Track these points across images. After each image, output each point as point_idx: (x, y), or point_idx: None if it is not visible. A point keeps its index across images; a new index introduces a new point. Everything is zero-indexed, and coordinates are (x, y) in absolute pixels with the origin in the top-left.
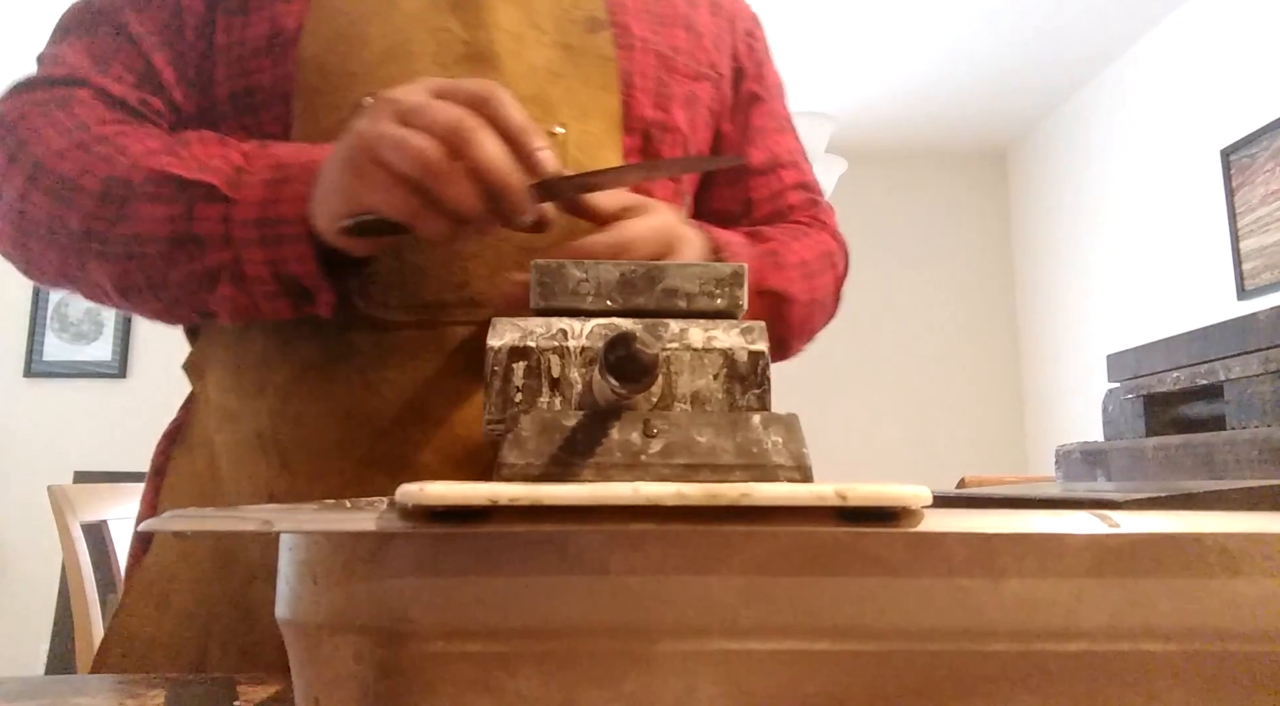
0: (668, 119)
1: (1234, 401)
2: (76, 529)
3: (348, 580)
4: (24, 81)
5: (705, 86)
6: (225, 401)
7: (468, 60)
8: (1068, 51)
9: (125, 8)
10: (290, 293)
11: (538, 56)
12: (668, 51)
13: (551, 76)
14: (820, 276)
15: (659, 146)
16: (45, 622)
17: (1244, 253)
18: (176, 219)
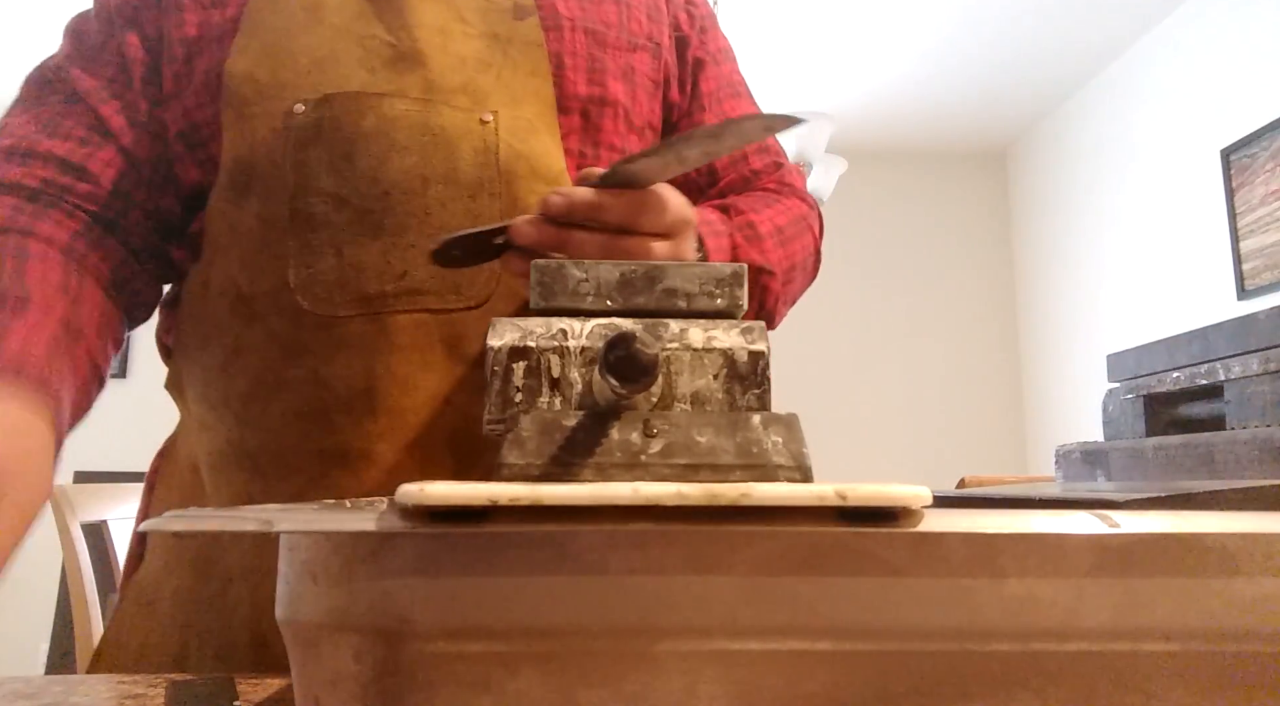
0: (604, 93)
1: (1234, 401)
2: (76, 529)
3: (348, 580)
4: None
5: (643, 57)
6: (201, 413)
7: (395, 62)
8: (1068, 51)
9: (72, 68)
10: None
11: (465, 48)
12: (598, 27)
13: (481, 66)
14: (795, 241)
15: (599, 121)
16: (45, 622)
17: (1244, 253)
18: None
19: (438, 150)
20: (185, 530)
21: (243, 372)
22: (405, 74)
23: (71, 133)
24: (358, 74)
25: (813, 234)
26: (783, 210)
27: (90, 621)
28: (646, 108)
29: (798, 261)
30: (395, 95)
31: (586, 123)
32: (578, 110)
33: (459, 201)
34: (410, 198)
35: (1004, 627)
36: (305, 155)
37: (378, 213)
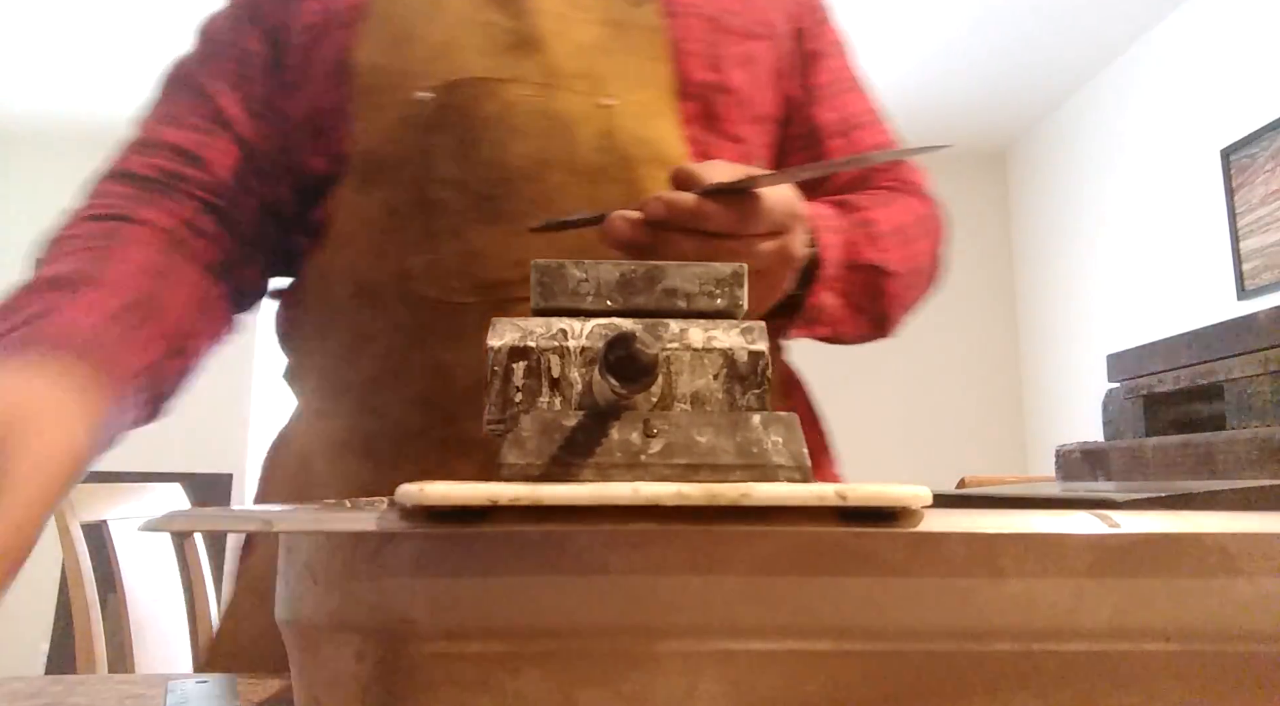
0: (724, 80)
1: (1234, 401)
2: (76, 529)
3: (348, 580)
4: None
5: (763, 44)
6: (319, 402)
7: (515, 48)
8: (1068, 51)
9: (198, 66)
10: None
11: (583, 34)
12: (718, 13)
13: (600, 52)
14: (917, 243)
15: (718, 108)
16: (45, 622)
17: (1244, 253)
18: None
19: (557, 135)
20: (185, 529)
21: (365, 360)
22: (525, 60)
23: (191, 123)
24: (479, 61)
25: (935, 235)
26: (904, 209)
27: (90, 621)
28: (768, 98)
29: (919, 264)
30: (516, 81)
31: (706, 110)
32: (696, 96)
33: (579, 187)
34: (530, 183)
35: (1004, 627)
36: (429, 142)
37: (498, 199)
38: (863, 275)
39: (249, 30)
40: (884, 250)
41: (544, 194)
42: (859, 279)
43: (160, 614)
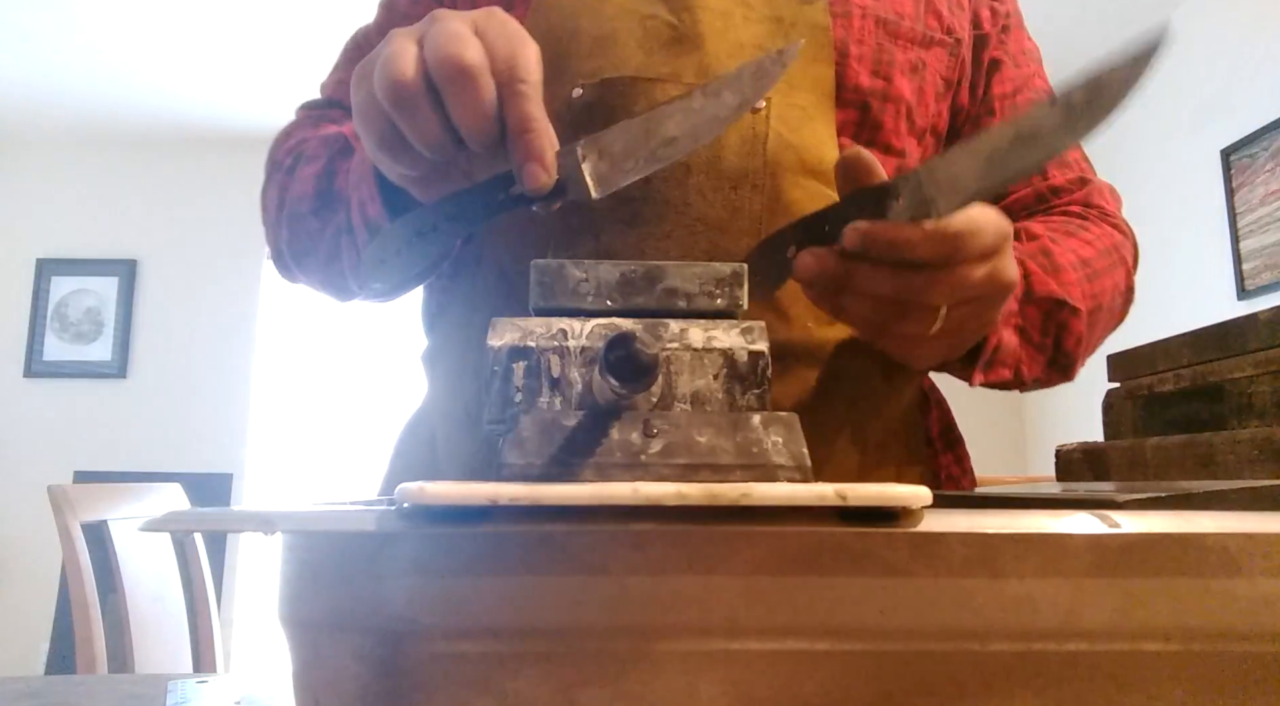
0: (888, 88)
1: (1234, 401)
2: (76, 529)
3: (348, 580)
4: (303, 103)
5: (938, 53)
6: (450, 383)
7: (673, 43)
8: (1067, 51)
9: (374, 35)
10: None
11: (745, 33)
12: (891, 16)
13: (759, 51)
14: (1105, 277)
15: (879, 117)
16: (45, 622)
17: (1244, 253)
18: (321, 175)
19: None
20: (185, 529)
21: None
22: (682, 57)
23: None
24: (636, 55)
25: (1126, 267)
26: (1089, 239)
27: (90, 621)
28: (933, 109)
29: (1104, 303)
30: (669, 80)
31: (864, 117)
32: (857, 104)
33: (719, 192)
34: (670, 186)
35: (1004, 627)
36: (578, 138)
37: (637, 201)
38: (1041, 310)
39: (431, 5)
40: (1066, 285)
41: (683, 198)
42: (1037, 314)
43: (160, 614)
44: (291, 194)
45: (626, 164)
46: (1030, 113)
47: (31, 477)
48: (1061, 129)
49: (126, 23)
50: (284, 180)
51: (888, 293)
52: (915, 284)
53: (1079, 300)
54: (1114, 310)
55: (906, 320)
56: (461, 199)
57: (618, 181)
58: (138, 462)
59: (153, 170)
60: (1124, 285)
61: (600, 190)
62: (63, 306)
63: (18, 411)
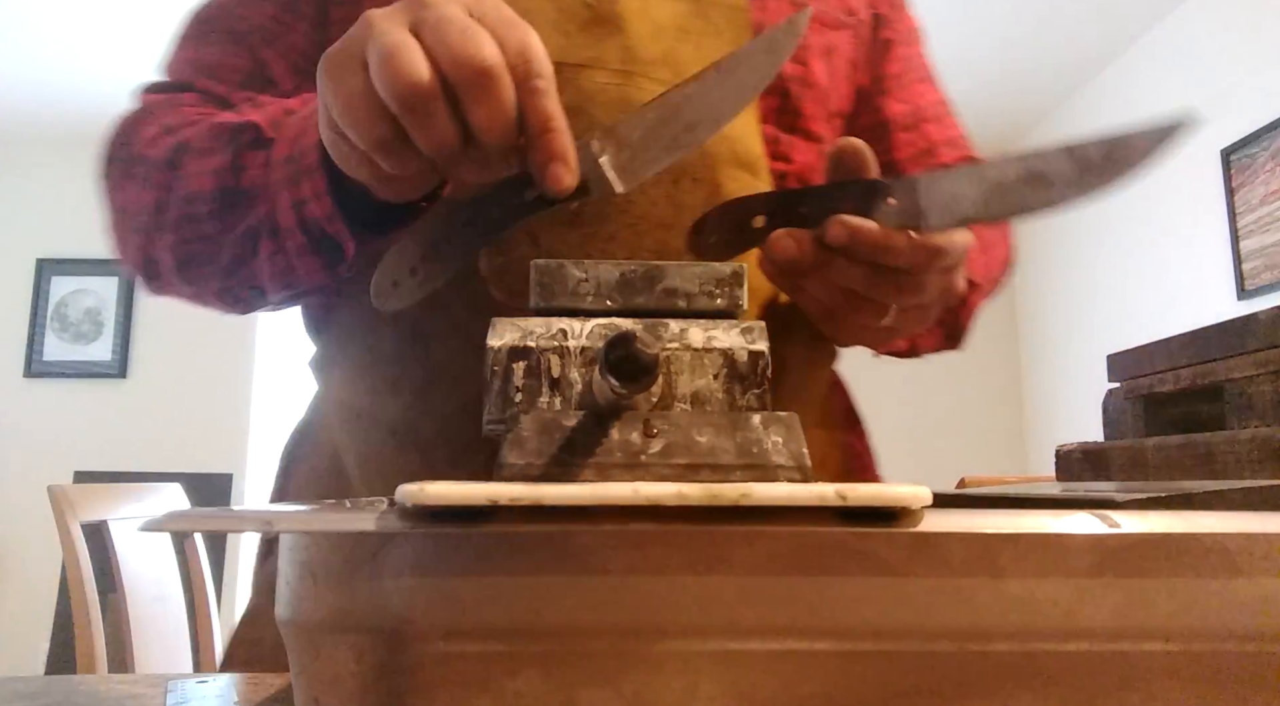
0: (806, 73)
1: (1234, 401)
2: (76, 529)
3: (348, 580)
4: (145, 85)
5: (845, 35)
6: (353, 400)
7: (591, 24)
8: (1067, 52)
9: (234, 8)
10: (318, 245)
11: (663, 14)
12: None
13: (680, 34)
14: (994, 249)
15: (799, 104)
16: (45, 622)
17: (1244, 253)
18: (222, 171)
19: None
20: (186, 529)
21: (421, 360)
22: (603, 40)
23: (231, 77)
24: (553, 38)
25: (1008, 240)
26: None
27: (90, 621)
28: (843, 92)
29: (994, 273)
30: (593, 65)
31: (785, 104)
32: (778, 90)
33: (659, 188)
34: None
35: (1004, 627)
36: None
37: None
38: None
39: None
40: (970, 262)
41: (624, 196)
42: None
43: (160, 614)
44: (179, 194)
45: (648, 153)
46: (1043, 155)
47: (31, 477)
48: (1072, 180)
49: (127, 23)
50: (163, 177)
51: (859, 287)
52: (884, 285)
53: (978, 275)
54: (1000, 281)
55: (861, 312)
56: (477, 206)
57: (642, 173)
58: (138, 463)
59: None
60: (1007, 256)
61: (626, 184)
62: (63, 306)
63: (18, 411)
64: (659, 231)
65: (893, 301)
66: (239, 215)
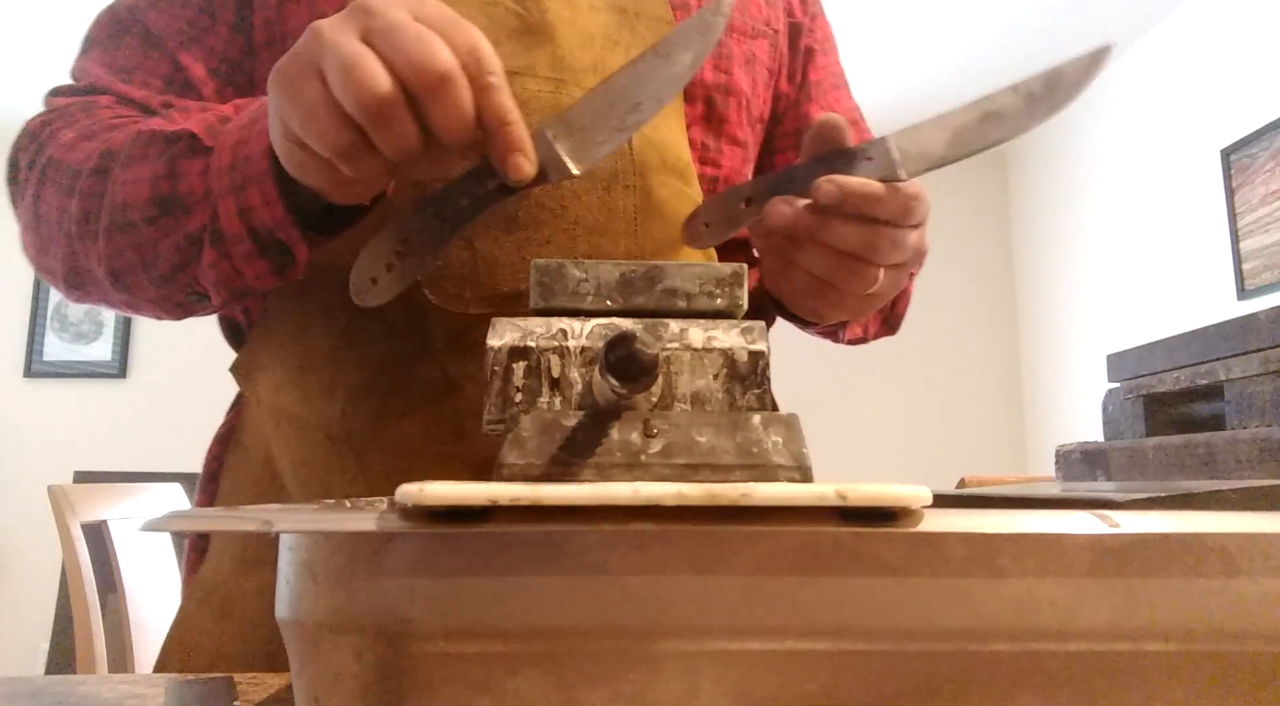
0: (729, 82)
1: (1234, 401)
2: (76, 529)
3: (348, 580)
4: (53, 89)
5: (763, 44)
6: (284, 404)
7: (522, 34)
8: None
9: (149, 9)
10: (266, 249)
11: (592, 23)
12: None
13: (609, 42)
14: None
15: (724, 111)
16: (45, 622)
17: (1244, 253)
18: (159, 178)
19: None
20: (186, 529)
21: (356, 365)
22: (533, 48)
23: (148, 82)
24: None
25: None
26: None
27: (90, 621)
28: (762, 98)
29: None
30: (525, 73)
31: (710, 112)
32: (702, 98)
33: (593, 194)
34: (544, 191)
35: (1004, 627)
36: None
37: (511, 205)
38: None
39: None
40: None
41: (558, 201)
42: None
43: (160, 614)
44: (112, 200)
45: (598, 136)
46: (993, 96)
47: (31, 477)
48: (1022, 111)
49: None
50: (91, 185)
51: (853, 246)
52: (876, 240)
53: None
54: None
55: (855, 278)
56: (440, 200)
57: (594, 155)
58: (138, 462)
59: None
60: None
61: (580, 166)
62: (63, 306)
63: (18, 411)
64: (593, 236)
65: (883, 260)
66: (175, 222)
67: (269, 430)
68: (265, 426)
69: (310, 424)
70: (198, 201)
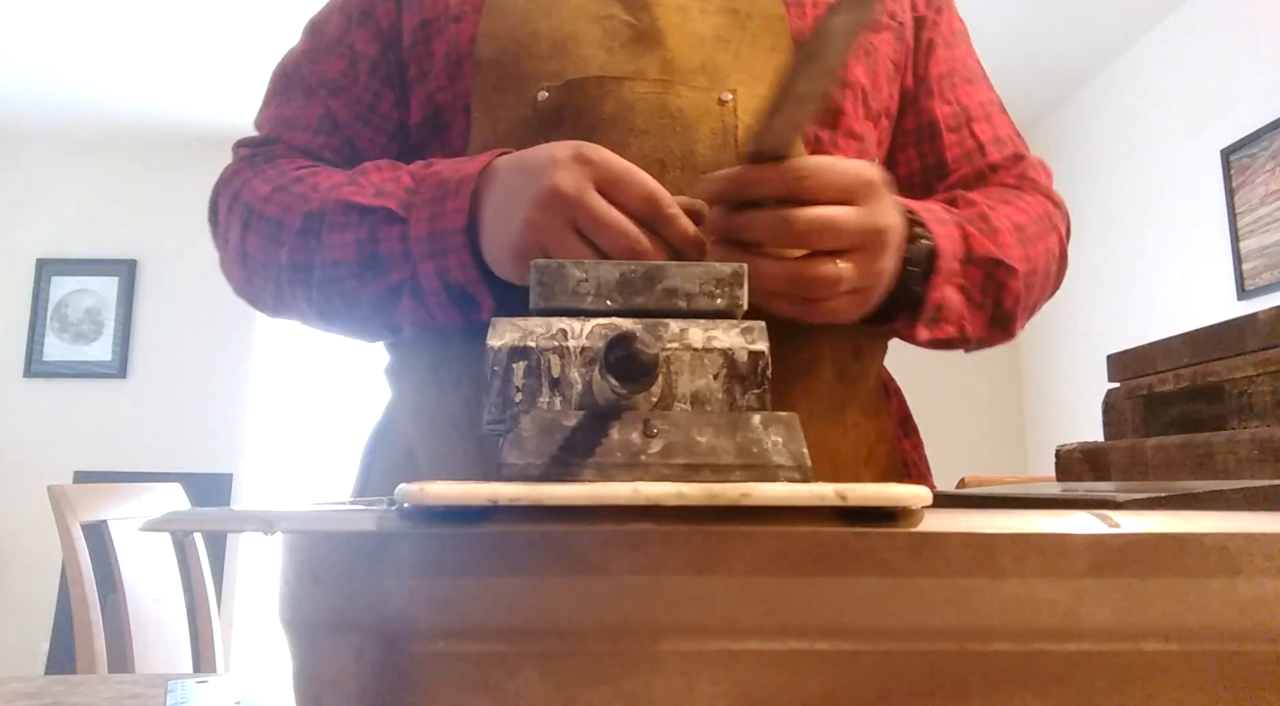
0: (845, 74)
1: (1234, 401)
2: (76, 529)
3: (348, 580)
4: (240, 141)
5: (885, 37)
6: (423, 399)
7: (634, 42)
8: (1067, 52)
9: (304, 64)
10: (457, 300)
11: (703, 26)
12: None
13: (719, 43)
14: (1038, 242)
15: (839, 103)
16: (45, 622)
17: (1244, 253)
18: (363, 243)
19: (676, 132)
20: (186, 529)
21: (481, 357)
22: (644, 54)
23: (308, 126)
24: (597, 55)
25: (1058, 234)
26: (1024, 207)
27: (90, 621)
28: (885, 92)
29: (1039, 266)
30: (634, 78)
31: (825, 106)
32: None
33: (695, 186)
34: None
35: (1004, 627)
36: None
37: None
38: (982, 270)
39: (358, 30)
40: (1003, 246)
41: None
42: (978, 274)
43: (160, 614)
44: (323, 258)
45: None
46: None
47: (31, 477)
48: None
49: (127, 23)
50: (298, 242)
51: (763, 238)
52: (781, 227)
53: (1016, 261)
54: (1049, 274)
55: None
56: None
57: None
58: (138, 462)
59: (153, 170)
60: (1057, 251)
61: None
62: (63, 306)
63: (18, 411)
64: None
65: (792, 244)
66: (376, 276)
67: (410, 424)
68: (407, 423)
69: (441, 416)
70: (395, 261)
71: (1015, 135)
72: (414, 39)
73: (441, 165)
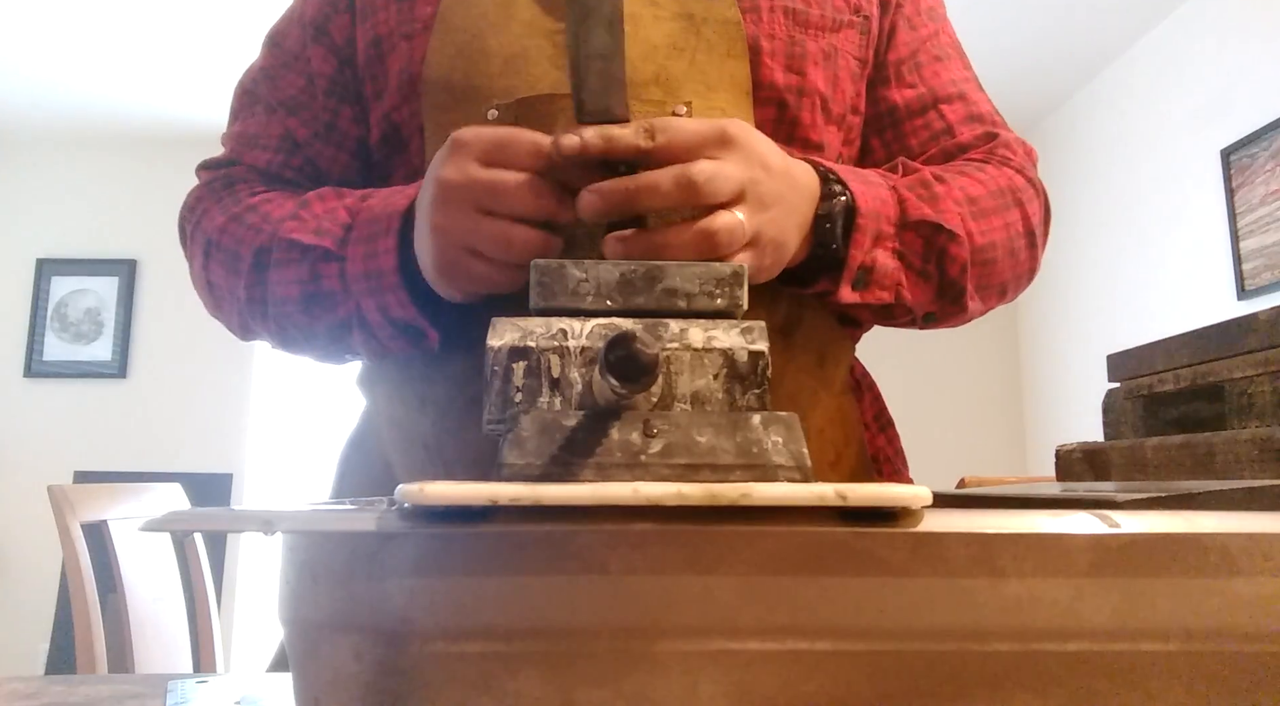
0: (803, 83)
1: (1234, 401)
2: (76, 529)
3: (348, 580)
4: (203, 162)
5: (848, 35)
6: (394, 411)
7: None
8: (1067, 52)
9: (262, 83)
10: (404, 332)
11: (656, 33)
12: (799, 5)
13: (673, 51)
14: (995, 216)
15: (796, 113)
16: (45, 622)
17: (1244, 253)
18: (305, 281)
19: None
20: (186, 529)
21: (442, 381)
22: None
23: (268, 145)
24: (549, 73)
25: (1022, 210)
26: (981, 179)
27: (90, 621)
28: (849, 91)
29: (997, 239)
30: None
31: (782, 115)
32: (774, 101)
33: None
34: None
35: (1004, 627)
36: None
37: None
38: (920, 235)
39: (314, 48)
40: (944, 211)
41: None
42: (915, 239)
43: (160, 614)
44: (274, 296)
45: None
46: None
47: (31, 477)
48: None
49: (127, 23)
50: (253, 278)
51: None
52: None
53: (958, 228)
54: (1014, 252)
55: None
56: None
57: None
58: (138, 462)
59: (153, 170)
60: (1022, 228)
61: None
62: (63, 306)
63: (18, 411)
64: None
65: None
66: (324, 311)
67: (385, 435)
68: (381, 431)
69: (411, 433)
70: (340, 297)
71: (992, 113)
72: (367, 57)
73: (376, 199)
